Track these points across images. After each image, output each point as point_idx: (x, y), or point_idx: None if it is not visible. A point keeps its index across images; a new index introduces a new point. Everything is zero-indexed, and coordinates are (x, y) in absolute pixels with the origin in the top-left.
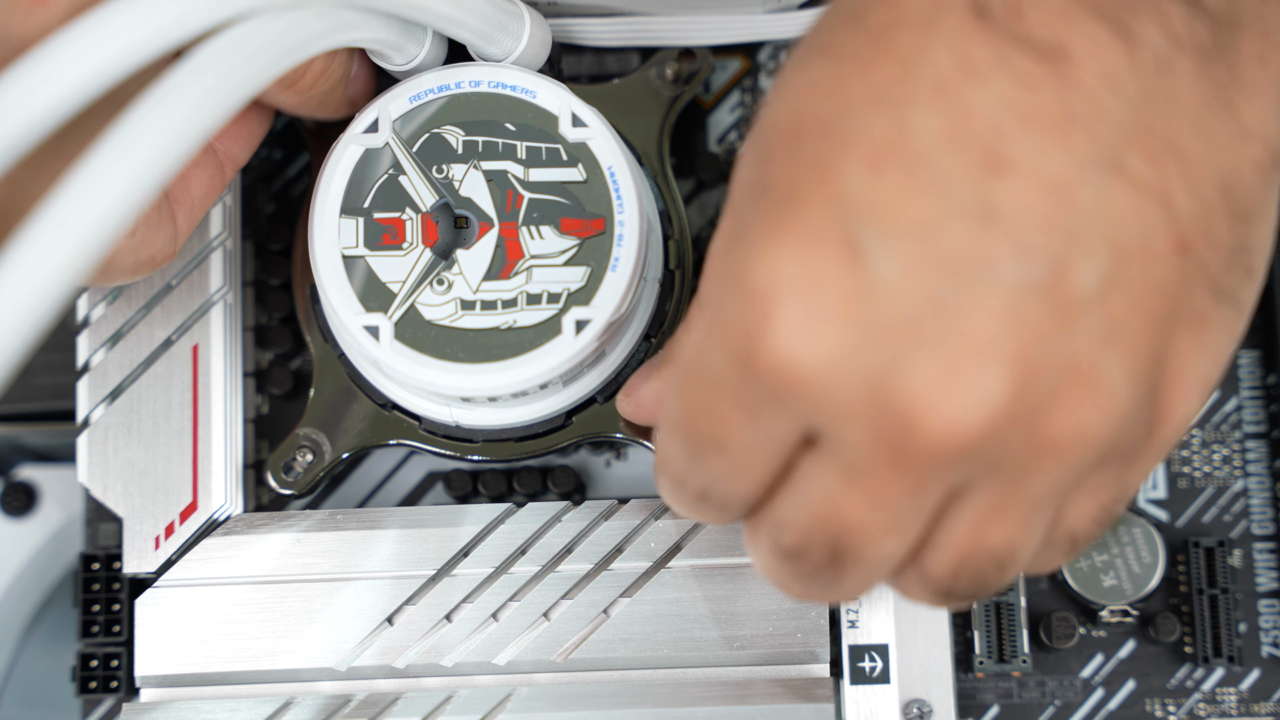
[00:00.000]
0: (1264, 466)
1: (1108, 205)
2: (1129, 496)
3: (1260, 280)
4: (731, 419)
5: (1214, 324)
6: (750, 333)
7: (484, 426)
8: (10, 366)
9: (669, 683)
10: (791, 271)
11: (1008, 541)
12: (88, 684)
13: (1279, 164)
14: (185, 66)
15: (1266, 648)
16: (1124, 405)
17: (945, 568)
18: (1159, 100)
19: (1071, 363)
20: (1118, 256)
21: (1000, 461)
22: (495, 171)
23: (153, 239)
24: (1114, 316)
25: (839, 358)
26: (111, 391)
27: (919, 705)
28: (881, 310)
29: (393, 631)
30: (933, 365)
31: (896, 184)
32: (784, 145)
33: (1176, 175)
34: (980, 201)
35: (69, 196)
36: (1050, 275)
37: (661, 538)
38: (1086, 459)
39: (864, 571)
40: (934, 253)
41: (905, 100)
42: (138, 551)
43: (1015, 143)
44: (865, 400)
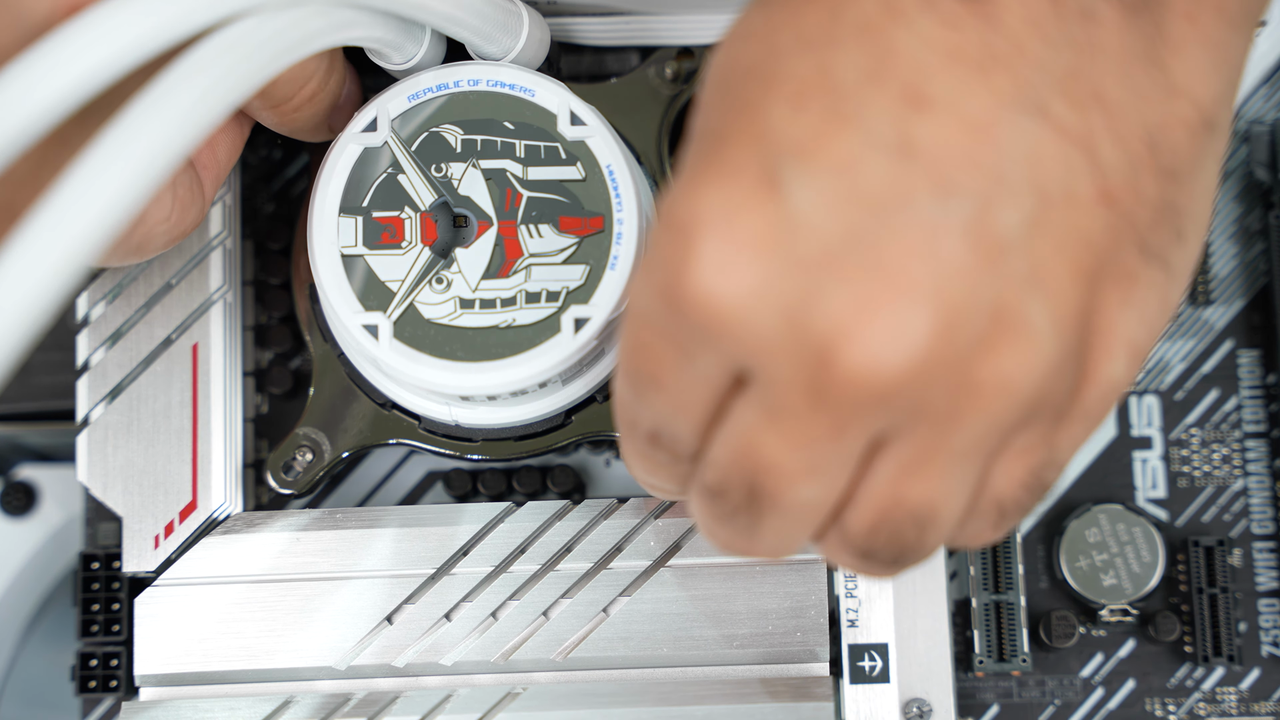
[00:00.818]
0: (1264, 466)
1: (1030, 147)
2: (1058, 463)
3: (1193, 248)
4: (666, 356)
5: (1142, 283)
6: (673, 268)
7: (483, 425)
8: (11, 359)
9: (668, 681)
10: (711, 206)
11: (928, 498)
12: (87, 683)
13: (1209, 125)
14: (186, 63)
15: (1266, 647)
16: (1048, 354)
17: (864, 524)
18: (1083, 47)
19: (994, 306)
20: (1041, 200)
21: (921, 408)
22: (494, 170)
23: (186, 216)
24: (1038, 261)
25: (756, 290)
26: (111, 390)
27: (919, 704)
28: (799, 242)
29: (392, 630)
30: (849, 298)
31: (817, 120)
32: (716, 92)
33: (1101, 124)
34: (900, 137)
35: (69, 193)
36: (971, 214)
37: (661, 537)
38: (1011, 410)
39: (784, 517)
40: (852, 186)
41: (831, 41)
42: (137, 550)
43: (937, 80)
44: (783, 333)
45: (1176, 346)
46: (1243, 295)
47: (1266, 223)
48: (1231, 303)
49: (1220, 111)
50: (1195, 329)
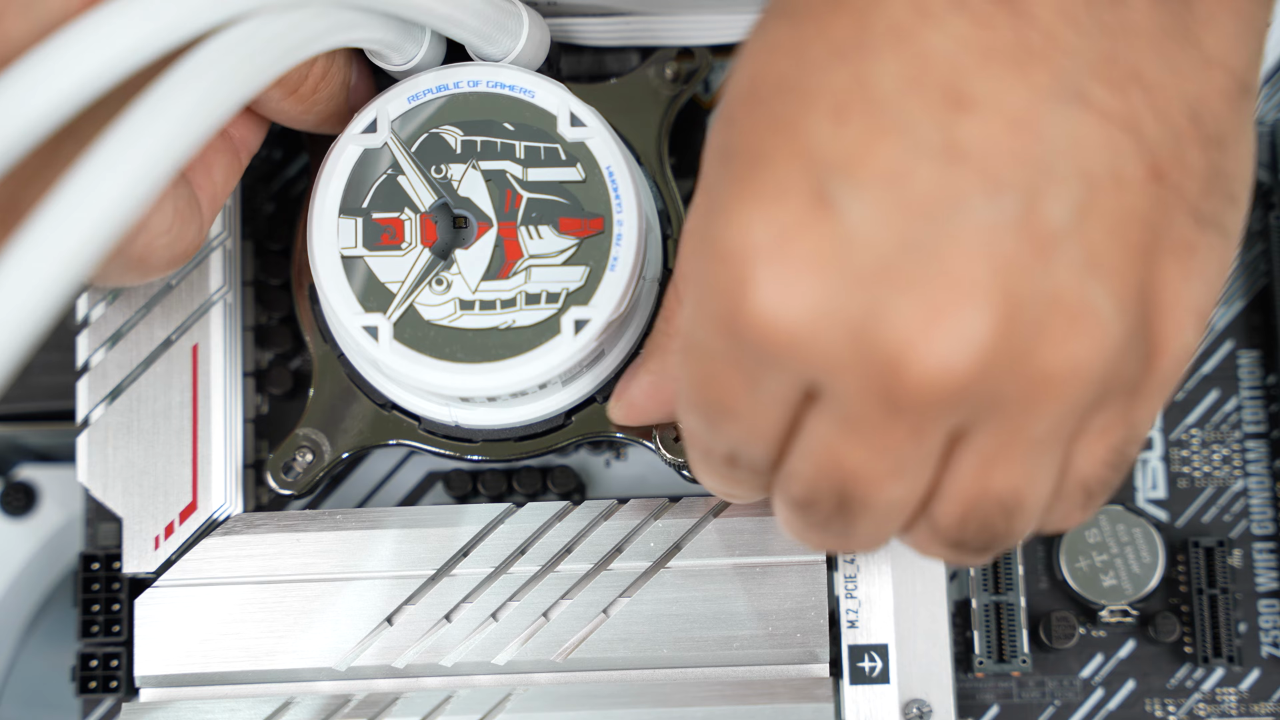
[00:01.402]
0: (1264, 466)
1: (1075, 136)
2: (1138, 437)
3: (1245, 207)
4: (734, 385)
5: (1201, 251)
6: (731, 299)
7: (483, 426)
8: (12, 364)
9: (668, 682)
10: (763, 231)
11: (1013, 486)
12: (87, 684)
13: (1246, 91)
14: (185, 66)
15: (1266, 648)
16: (1114, 335)
17: (953, 516)
18: (1116, 31)
19: (1055, 295)
20: (1090, 186)
21: (995, 402)
22: (494, 171)
23: (186, 232)
24: (1093, 246)
25: (819, 310)
26: (111, 391)
27: (918, 705)
28: (856, 257)
29: (392, 631)
30: (913, 307)
31: (860, 132)
32: (746, 108)
33: (1142, 103)
34: (945, 141)
35: (71, 195)
36: (1023, 208)
37: (661, 538)
38: (1083, 394)
39: (875, 518)
40: (904, 195)
41: (864, 49)
42: (137, 551)
43: (975, 80)
44: (850, 349)
45: None
46: (1243, 296)
47: (1267, 223)
48: (1232, 303)
49: (1252, 72)
50: None
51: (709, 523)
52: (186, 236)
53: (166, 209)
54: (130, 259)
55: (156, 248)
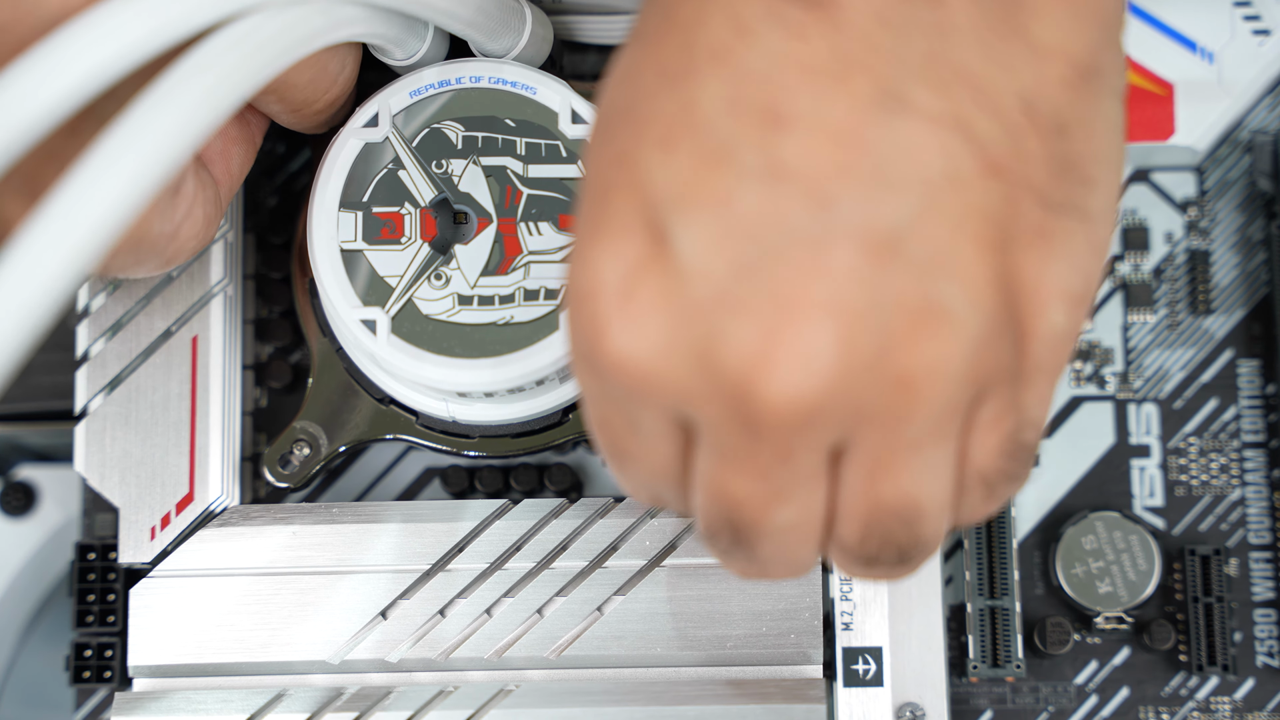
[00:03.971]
0: (1262, 476)
1: (902, 141)
2: (1031, 421)
3: (1108, 186)
4: (619, 426)
5: (1059, 235)
6: (589, 342)
7: (481, 422)
8: (16, 356)
9: (661, 681)
10: (609, 271)
11: (903, 494)
12: (81, 673)
13: (1090, 73)
14: (190, 61)
15: (1261, 657)
16: (970, 329)
17: (854, 534)
18: (936, 30)
19: (900, 300)
20: (923, 189)
21: (860, 413)
22: (494, 167)
23: (211, 230)
24: (936, 246)
25: (665, 345)
26: (110, 381)
27: (912, 709)
28: (693, 289)
29: (386, 625)
30: (751, 332)
31: (688, 161)
32: (595, 140)
33: (970, 100)
34: (767, 161)
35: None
36: (853, 220)
37: (656, 536)
38: (950, 391)
39: (773, 543)
40: (731, 221)
41: (688, 73)
42: (133, 542)
43: (794, 96)
44: (700, 380)
45: (1176, 355)
46: (1243, 305)
47: (1268, 233)
48: (1232, 312)
49: (1100, 55)
50: (1195, 338)
51: (697, 526)
52: (211, 232)
53: (197, 214)
54: (162, 259)
55: (185, 248)
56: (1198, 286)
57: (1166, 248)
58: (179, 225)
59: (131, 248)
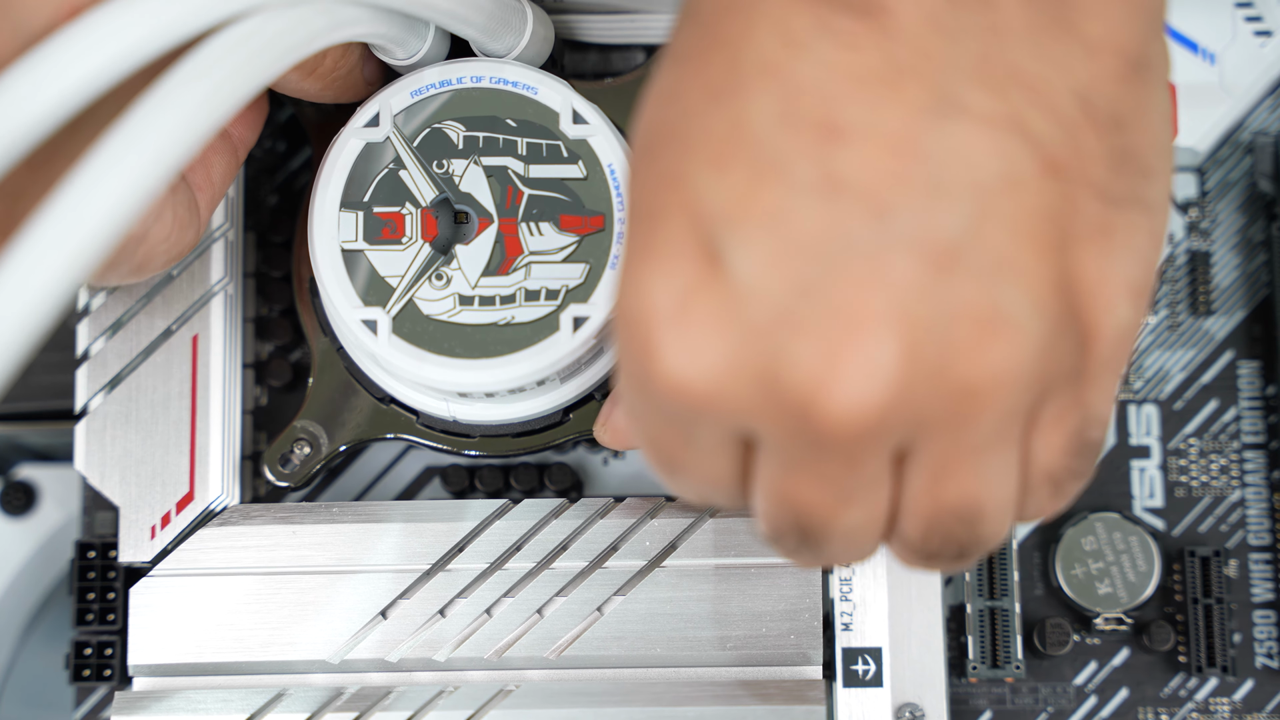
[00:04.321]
0: (1262, 477)
1: (958, 147)
2: (1097, 418)
3: (1164, 175)
4: (674, 444)
5: (1120, 229)
6: (643, 364)
7: (481, 422)
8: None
9: (661, 681)
10: (662, 294)
11: (966, 496)
12: (81, 672)
13: (1140, 66)
14: (188, 65)
15: (1260, 658)
16: (1034, 332)
17: (916, 531)
18: (987, 33)
19: (961, 308)
20: (982, 193)
21: (924, 422)
22: (495, 167)
23: (184, 236)
24: (996, 251)
25: (724, 367)
26: (110, 380)
27: (911, 709)
28: (752, 310)
29: (386, 625)
30: (812, 350)
31: (741, 178)
32: (641, 162)
33: (1025, 101)
34: (823, 175)
35: (73, 196)
36: (912, 229)
37: (656, 536)
38: (1014, 396)
39: (841, 543)
40: (789, 238)
41: (737, 89)
42: (133, 540)
43: (848, 108)
44: (762, 399)
45: (1176, 356)
46: (1244, 306)
47: (1269, 234)
48: (1232, 313)
49: (1149, 46)
50: (1196, 339)
51: (705, 523)
52: (185, 240)
53: (166, 218)
54: (131, 266)
55: (156, 254)
56: (1198, 287)
57: (1167, 248)
58: (148, 228)
59: None
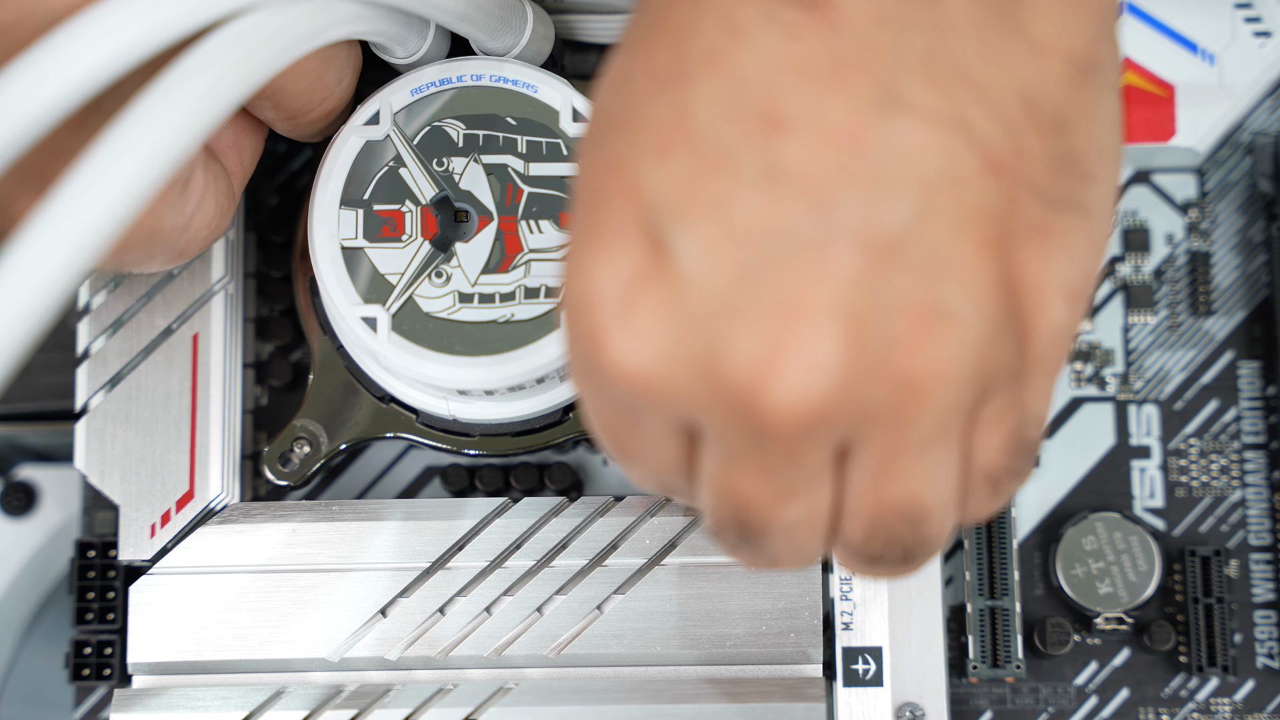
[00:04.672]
0: (1262, 477)
1: (901, 141)
2: (1033, 418)
3: (1107, 181)
4: (624, 429)
5: (1059, 232)
6: (588, 350)
7: (481, 421)
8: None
9: (661, 680)
10: (606, 281)
11: (908, 495)
12: (81, 671)
13: (1088, 69)
14: (191, 58)
15: (1261, 659)
16: (974, 330)
17: (858, 532)
18: (933, 30)
19: (903, 302)
20: (924, 189)
21: (866, 416)
22: (495, 165)
23: (223, 222)
24: (938, 247)
25: (667, 354)
26: (111, 379)
27: (911, 709)
28: (694, 298)
29: (386, 623)
30: (754, 340)
31: (683, 166)
32: (589, 148)
33: (969, 99)
34: (766, 165)
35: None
36: (854, 222)
37: (656, 535)
38: (955, 392)
39: (781, 540)
40: (730, 227)
41: (682, 77)
42: (133, 539)
43: (792, 99)
44: (704, 388)
45: (1176, 356)
46: (1244, 306)
47: (1269, 234)
48: (1232, 314)
49: (1098, 49)
50: (1196, 339)
51: (705, 521)
52: (223, 225)
53: (209, 206)
54: (174, 252)
55: (198, 240)
56: (1198, 288)
57: (1167, 249)
58: (190, 217)
59: (144, 242)
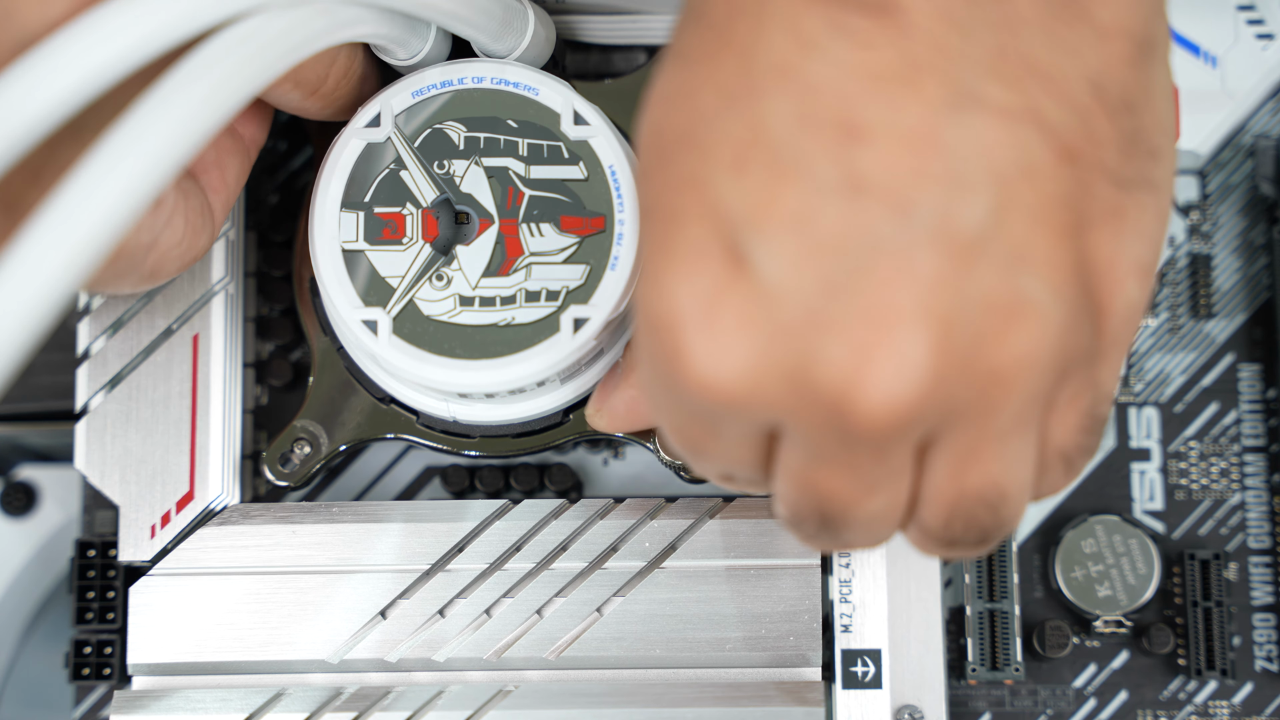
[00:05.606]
0: (1262, 480)
1: (977, 140)
2: (1106, 395)
3: (1170, 154)
4: (700, 434)
5: (1130, 210)
6: (670, 366)
7: (481, 422)
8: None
9: (660, 682)
10: (688, 298)
11: (990, 481)
12: (80, 671)
13: (1147, 47)
14: (188, 65)
15: (1260, 662)
16: (1056, 319)
17: (937, 518)
18: (1001, 25)
19: (987, 298)
20: (1002, 184)
21: (953, 410)
22: (496, 168)
23: (197, 241)
24: (1017, 240)
25: (754, 368)
26: (111, 379)
27: (910, 711)
28: (780, 310)
29: (386, 625)
30: (844, 348)
31: (761, 181)
32: (654, 164)
33: (1040, 90)
34: (845, 174)
35: (74, 195)
36: (935, 223)
37: (656, 537)
38: (1038, 381)
39: (860, 530)
40: (814, 238)
41: (753, 92)
42: (133, 539)
43: (866, 106)
44: (794, 397)
45: (1177, 359)
46: (1245, 309)
47: (1270, 237)
48: (1233, 316)
49: (1154, 26)
50: (1196, 342)
51: (704, 524)
52: (198, 245)
53: (177, 224)
54: (143, 273)
55: (168, 260)
56: (1199, 290)
57: (1168, 251)
58: (158, 235)
59: (110, 260)
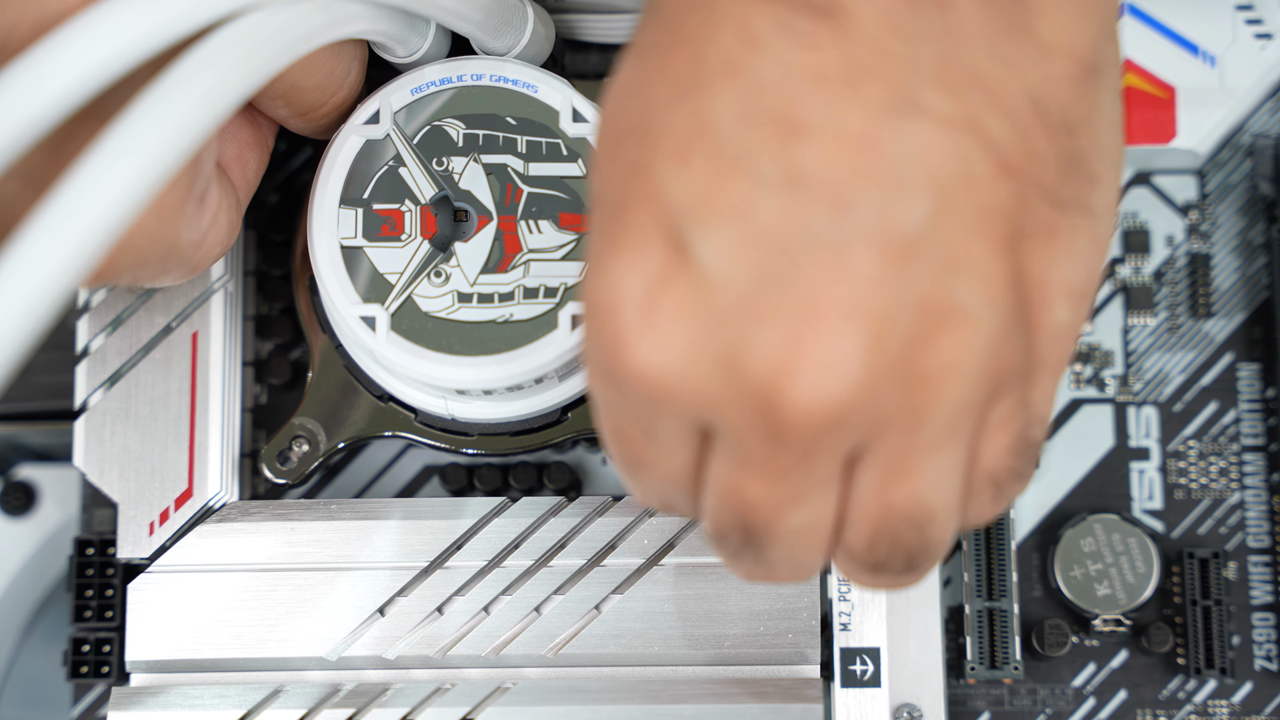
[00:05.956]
0: (1261, 479)
1: (916, 145)
2: (1038, 418)
3: (1110, 182)
4: (636, 436)
5: (1064, 232)
6: (608, 352)
7: (480, 420)
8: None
9: (658, 680)
10: (629, 284)
11: (916, 498)
12: (79, 668)
13: (1092, 70)
14: (192, 58)
15: (1259, 661)
16: (987, 328)
17: (863, 539)
18: (945, 35)
19: (920, 301)
20: (939, 191)
21: (881, 416)
22: (495, 165)
23: (233, 236)
24: (952, 247)
25: (688, 354)
26: (110, 377)
27: (909, 710)
28: (717, 299)
29: (384, 622)
30: (777, 339)
31: (704, 172)
32: (605, 153)
33: (981, 102)
34: (785, 170)
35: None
36: (872, 224)
37: (654, 535)
38: (967, 390)
39: (783, 547)
40: (752, 229)
41: (700, 85)
42: (132, 537)
43: (808, 105)
44: (725, 387)
45: (1176, 358)
46: (1244, 309)
47: (1269, 236)
48: (1232, 316)
49: (1101, 50)
50: (1195, 341)
51: (706, 527)
52: (232, 240)
53: (222, 221)
54: (188, 266)
55: (210, 255)
56: (1198, 290)
57: (1167, 251)
58: (205, 232)
59: (161, 257)
